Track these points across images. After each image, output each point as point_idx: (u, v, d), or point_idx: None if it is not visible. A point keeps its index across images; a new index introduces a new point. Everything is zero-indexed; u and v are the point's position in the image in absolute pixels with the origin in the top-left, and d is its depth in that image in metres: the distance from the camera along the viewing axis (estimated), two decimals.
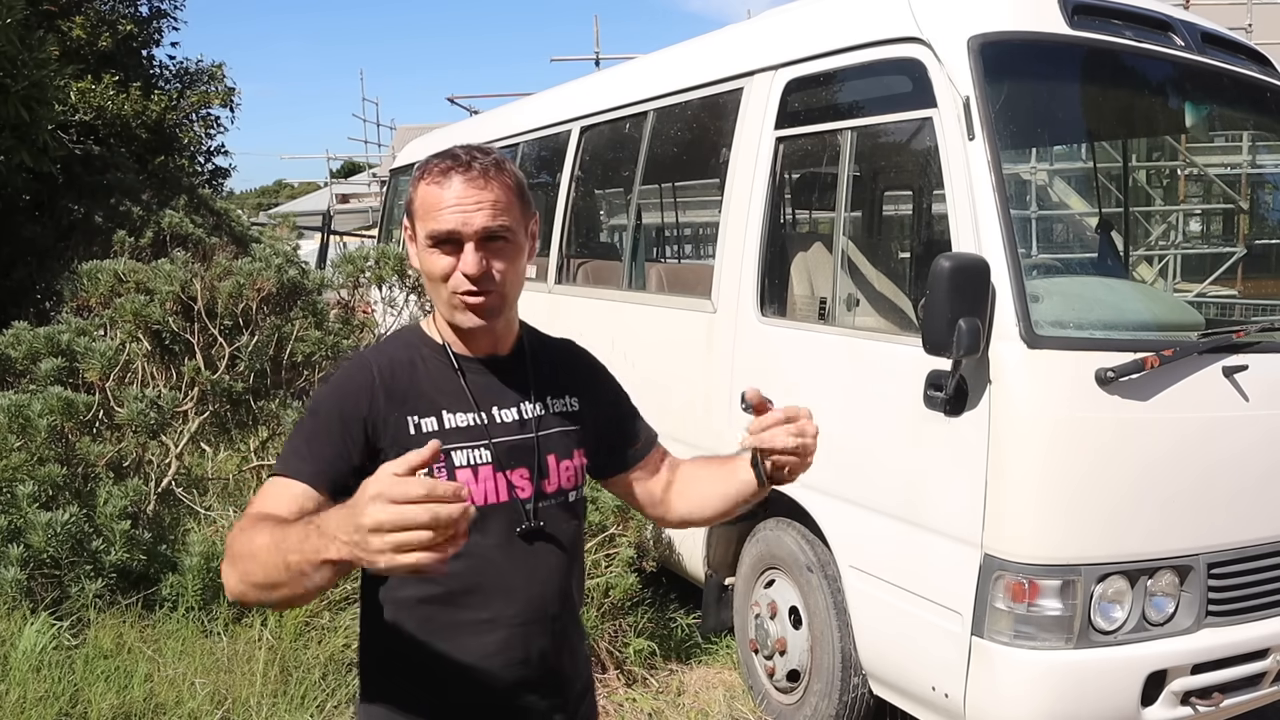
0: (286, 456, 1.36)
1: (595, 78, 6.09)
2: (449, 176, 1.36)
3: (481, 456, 1.41)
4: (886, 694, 3.15)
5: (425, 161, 1.41)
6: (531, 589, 1.44)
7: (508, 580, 1.42)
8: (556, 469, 1.49)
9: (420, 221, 1.39)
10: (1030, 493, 2.60)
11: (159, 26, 10.96)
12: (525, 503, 1.44)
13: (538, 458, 1.46)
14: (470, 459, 1.40)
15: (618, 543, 3.93)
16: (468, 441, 1.40)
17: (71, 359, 4.26)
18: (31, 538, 3.51)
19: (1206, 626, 2.75)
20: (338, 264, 5.37)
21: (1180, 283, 8.43)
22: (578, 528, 1.54)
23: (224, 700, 3.18)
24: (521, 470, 1.44)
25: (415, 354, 1.46)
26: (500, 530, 1.41)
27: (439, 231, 1.36)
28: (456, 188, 1.35)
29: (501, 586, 1.41)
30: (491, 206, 1.36)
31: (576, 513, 1.53)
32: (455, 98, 16.87)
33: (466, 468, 1.40)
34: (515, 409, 1.47)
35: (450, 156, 1.38)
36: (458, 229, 1.35)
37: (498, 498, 1.41)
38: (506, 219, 1.37)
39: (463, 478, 1.38)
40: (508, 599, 1.42)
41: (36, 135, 6.71)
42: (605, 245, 6.25)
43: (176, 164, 10.83)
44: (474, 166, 1.36)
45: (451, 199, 1.35)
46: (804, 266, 3.56)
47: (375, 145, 23.19)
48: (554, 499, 1.48)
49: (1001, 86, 2.79)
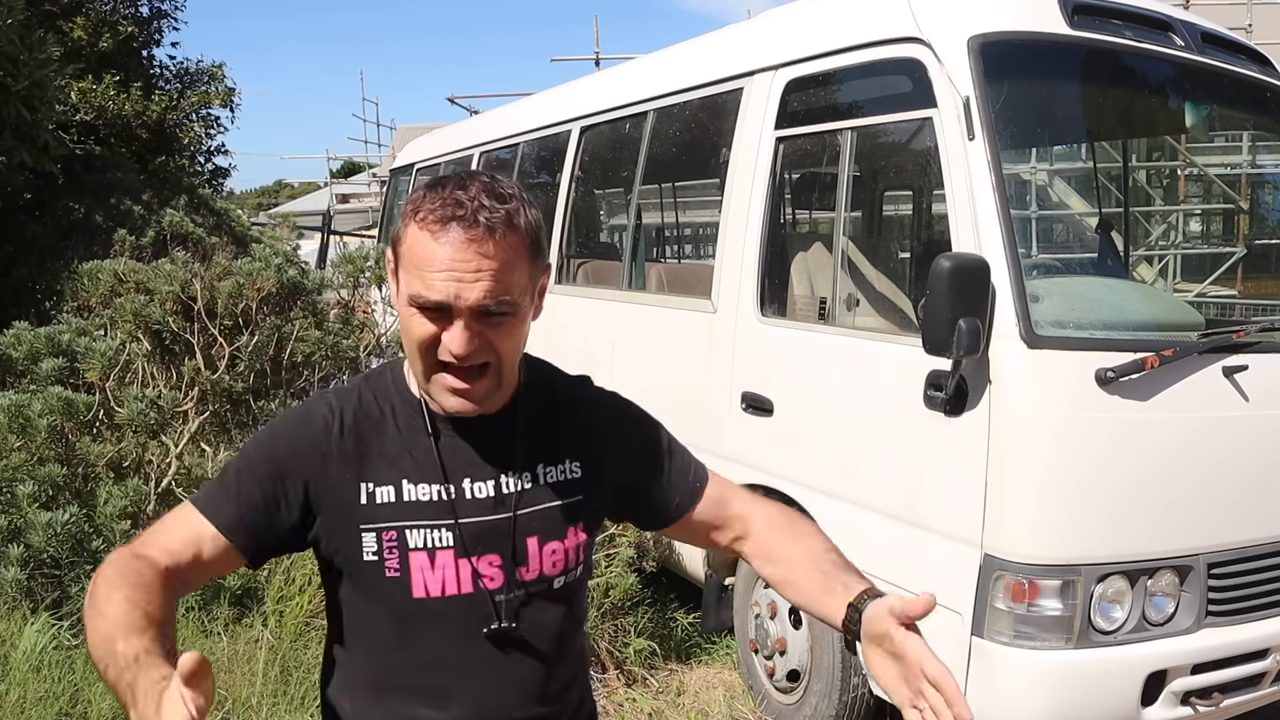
0: (212, 491, 1.21)
1: (595, 78, 6.09)
2: (446, 228, 1.09)
3: (442, 539, 1.20)
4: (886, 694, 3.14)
5: (423, 193, 1.14)
6: (498, 695, 1.24)
7: (469, 685, 1.23)
8: (539, 554, 1.25)
9: (405, 272, 1.13)
10: (1030, 493, 2.60)
11: (159, 27, 10.96)
12: (494, 594, 1.23)
13: (513, 542, 1.24)
14: (428, 541, 1.20)
15: (618, 543, 3.93)
16: (428, 519, 1.20)
17: (71, 359, 4.26)
18: (31, 538, 3.51)
19: (1206, 626, 2.74)
20: (338, 264, 5.37)
21: (1180, 283, 8.44)
22: (565, 616, 1.30)
23: (224, 700, 3.18)
24: (492, 556, 1.22)
25: (388, 405, 1.25)
26: (462, 628, 1.22)
27: (426, 300, 1.10)
28: (454, 246, 1.09)
29: (462, 691, 1.23)
30: (492, 278, 1.10)
31: (565, 600, 1.30)
32: (455, 98, 16.89)
33: (422, 550, 1.20)
34: (493, 482, 1.24)
35: (453, 201, 1.10)
36: (448, 301, 1.10)
37: (458, 589, 1.21)
38: (509, 293, 1.12)
39: (416, 562, 1.19)
40: (472, 704, 1.23)
41: (37, 135, 6.71)
42: (605, 245, 6.26)
43: (177, 164, 10.83)
44: (479, 221, 1.09)
45: (445, 260, 1.09)
46: (804, 266, 3.56)
47: (375, 145, 23.24)
48: (531, 587, 1.25)
49: (1001, 86, 2.79)
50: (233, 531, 1.18)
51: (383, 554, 1.19)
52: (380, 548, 1.20)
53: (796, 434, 3.33)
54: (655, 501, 1.39)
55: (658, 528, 1.43)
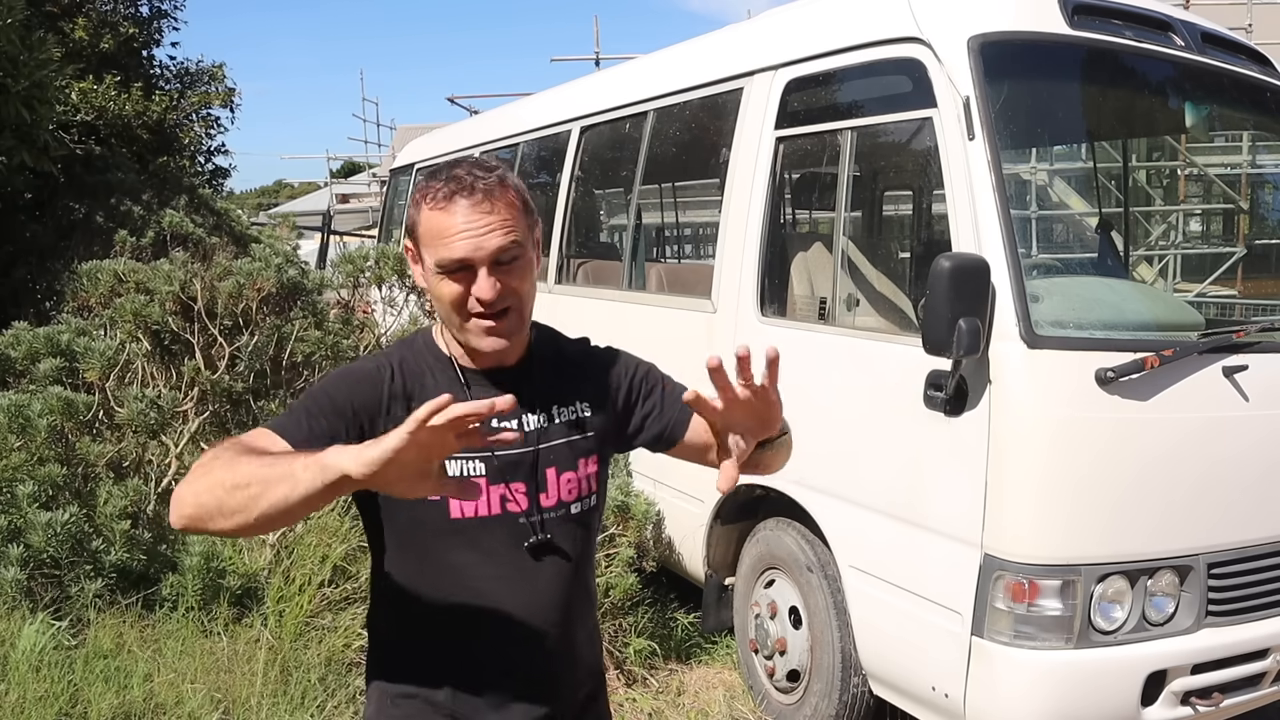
0: (283, 419, 1.36)
1: (595, 78, 6.09)
2: (453, 201, 1.32)
3: (476, 468, 1.39)
4: (886, 694, 3.14)
5: (425, 184, 1.37)
6: (531, 600, 1.43)
7: (502, 596, 1.41)
8: (556, 482, 1.45)
9: (427, 248, 1.36)
10: (1030, 493, 2.60)
11: (159, 27, 10.96)
12: (519, 516, 1.42)
13: (536, 472, 1.44)
14: (464, 470, 1.38)
15: (618, 543, 3.93)
16: (464, 452, 1.35)
17: (71, 359, 4.26)
18: (31, 538, 3.51)
19: (1206, 626, 2.74)
20: (338, 264, 5.37)
21: (1180, 283, 8.44)
22: (584, 538, 1.50)
23: (224, 700, 3.18)
24: (519, 484, 1.42)
25: (424, 363, 1.45)
26: (496, 545, 1.41)
27: (450, 260, 1.33)
28: (463, 212, 1.32)
29: (495, 603, 1.41)
30: (501, 227, 1.33)
31: (583, 523, 1.50)
32: (455, 97, 16.89)
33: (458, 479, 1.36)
34: (516, 421, 1.43)
35: (451, 179, 1.34)
36: (469, 256, 1.32)
37: (489, 510, 1.40)
38: (516, 235, 1.35)
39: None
40: (504, 616, 1.41)
41: (37, 135, 6.71)
42: (605, 245, 6.25)
43: (177, 164, 10.83)
44: (477, 188, 1.32)
45: (460, 224, 1.32)
46: (804, 266, 3.56)
47: (375, 145, 23.25)
48: (553, 512, 1.45)
49: (1001, 86, 2.79)
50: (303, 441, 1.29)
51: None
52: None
53: (796, 434, 3.32)
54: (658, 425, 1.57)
55: (665, 449, 1.59)
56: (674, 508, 4.07)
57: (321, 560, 3.77)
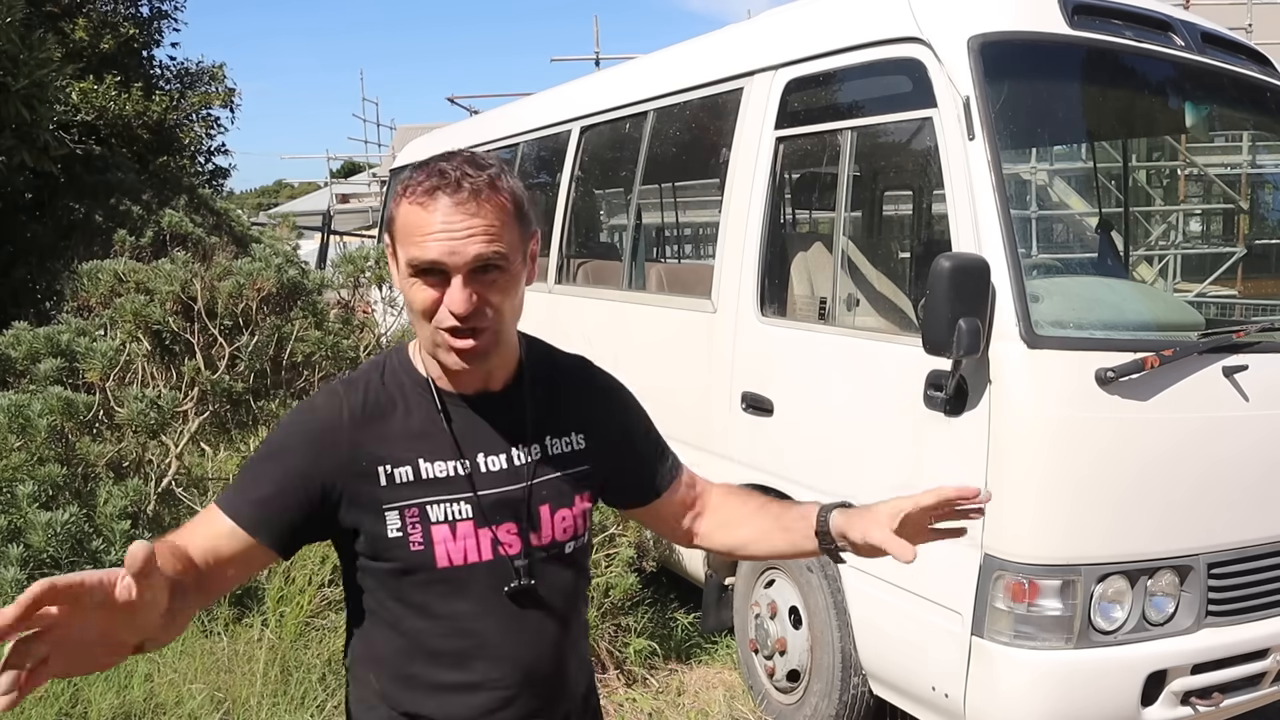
0: (235, 488, 1.26)
1: (595, 78, 6.09)
2: (434, 197, 1.18)
3: (461, 511, 1.27)
4: (886, 694, 3.15)
5: (410, 176, 1.23)
6: (521, 651, 1.32)
7: (494, 644, 1.31)
8: (550, 521, 1.34)
9: (401, 245, 1.21)
10: (1030, 493, 2.60)
11: (159, 27, 10.98)
12: (513, 559, 1.30)
13: (528, 510, 1.32)
14: (448, 514, 1.27)
15: (618, 543, 3.93)
16: (447, 494, 1.27)
17: (71, 359, 4.26)
18: (31, 538, 3.51)
19: (1206, 626, 2.74)
20: (338, 264, 5.37)
21: (1180, 283, 8.44)
22: (575, 580, 1.39)
23: (224, 701, 3.18)
24: (509, 525, 1.30)
25: (398, 387, 1.31)
26: (484, 591, 1.29)
27: (421, 260, 1.18)
28: (443, 211, 1.17)
29: (487, 650, 1.31)
30: (484, 233, 1.18)
31: (574, 563, 1.39)
32: (455, 97, 16.88)
33: (443, 523, 1.27)
34: (505, 455, 1.31)
35: (437, 173, 1.19)
36: (442, 260, 1.17)
37: (479, 556, 1.28)
38: (501, 245, 1.19)
39: (439, 535, 1.26)
40: (495, 663, 1.31)
41: (37, 135, 6.71)
42: (605, 245, 6.25)
43: (177, 164, 10.83)
44: (464, 186, 1.18)
45: (438, 224, 1.17)
46: (804, 266, 3.56)
47: (375, 145, 23.25)
48: (545, 552, 1.34)
49: (1001, 86, 2.79)
50: (255, 527, 1.23)
51: (406, 530, 1.26)
52: (404, 524, 1.26)
53: (796, 434, 3.33)
54: (640, 478, 1.49)
55: (639, 505, 1.52)
56: None
57: (322, 560, 3.78)
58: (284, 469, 1.25)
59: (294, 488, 1.24)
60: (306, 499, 1.24)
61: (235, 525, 1.22)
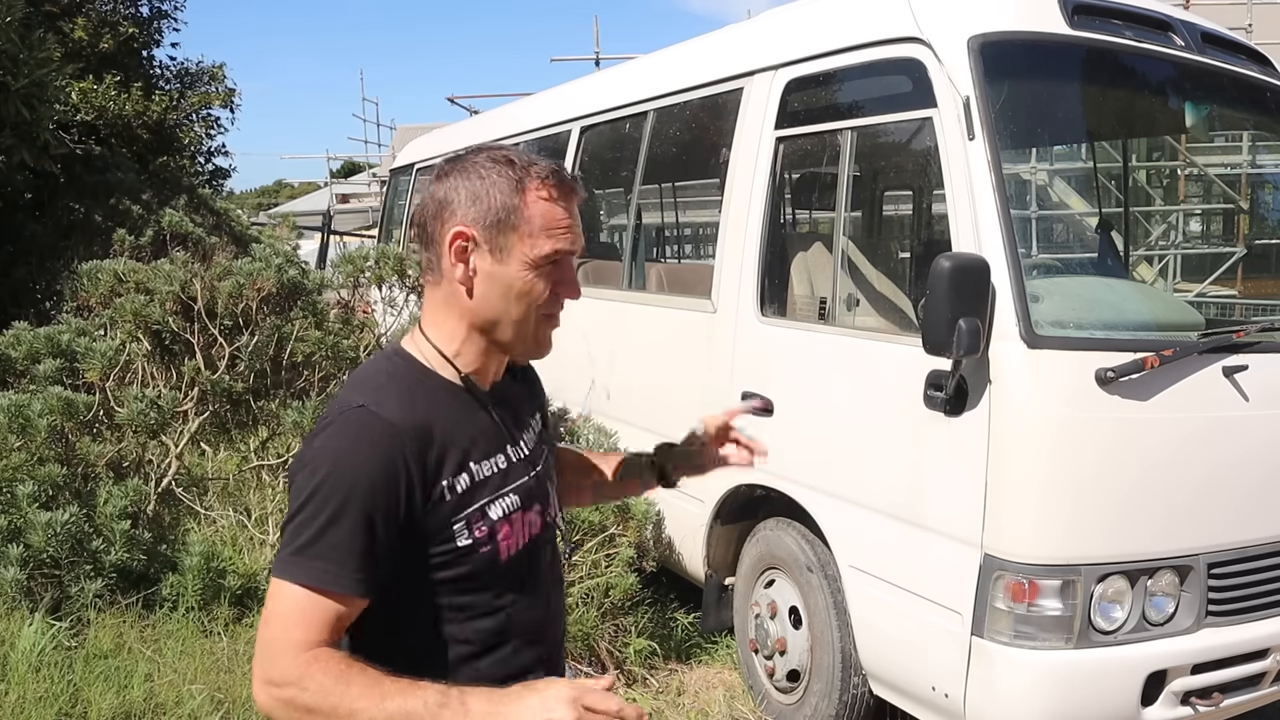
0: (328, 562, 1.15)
1: (595, 78, 6.09)
2: (566, 193, 1.29)
3: (513, 503, 1.31)
4: (886, 694, 3.14)
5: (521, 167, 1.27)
6: (545, 615, 1.39)
7: (537, 617, 1.37)
8: (553, 495, 1.43)
9: (528, 237, 1.26)
10: (1030, 493, 2.60)
11: (159, 27, 10.97)
12: (543, 536, 1.38)
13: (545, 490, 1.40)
14: (504, 509, 1.30)
15: (618, 543, 3.93)
16: (498, 490, 1.29)
17: (71, 359, 4.27)
18: (31, 538, 3.51)
19: (1206, 626, 2.74)
20: (338, 264, 5.36)
21: (1180, 283, 8.44)
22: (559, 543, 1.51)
23: (224, 701, 3.18)
24: (538, 506, 1.37)
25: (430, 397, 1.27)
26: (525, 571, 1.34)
27: (562, 250, 1.28)
28: (572, 205, 1.30)
29: (533, 624, 1.36)
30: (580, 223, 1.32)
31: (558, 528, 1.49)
32: (455, 98, 16.90)
33: (503, 519, 1.29)
34: (523, 441, 1.38)
35: (555, 170, 1.29)
36: (573, 250, 1.30)
37: (526, 540, 1.33)
38: None
39: (502, 531, 1.29)
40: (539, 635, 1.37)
41: (37, 135, 6.71)
42: (605, 245, 6.25)
43: (177, 164, 10.83)
44: (576, 184, 1.31)
45: (570, 217, 1.29)
46: (804, 266, 3.56)
47: (375, 145, 23.24)
48: (554, 524, 1.43)
49: (1001, 86, 2.79)
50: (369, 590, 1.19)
51: (474, 534, 1.26)
52: (470, 529, 1.27)
53: (796, 434, 3.33)
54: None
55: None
56: (674, 508, 4.07)
57: None
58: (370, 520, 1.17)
59: (382, 533, 1.18)
60: (387, 538, 1.19)
61: (354, 597, 1.17)
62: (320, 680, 1.10)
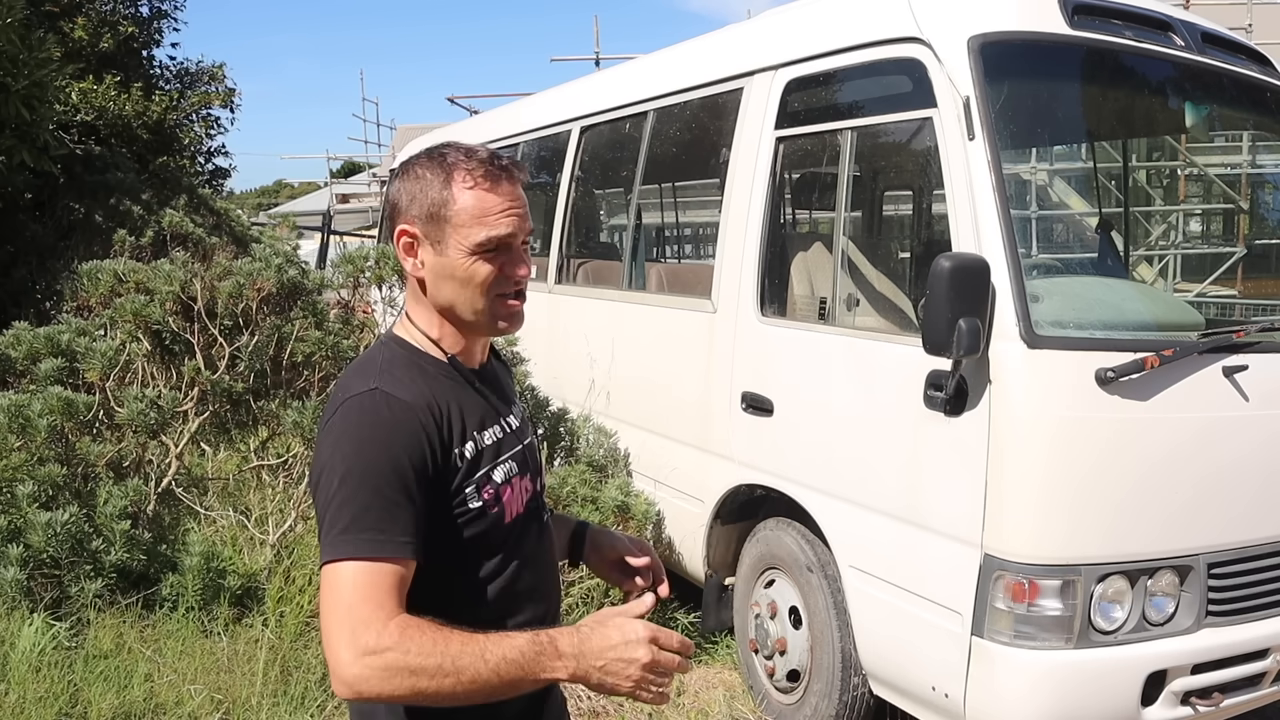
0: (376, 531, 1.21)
1: (595, 78, 6.09)
2: (497, 181, 1.33)
3: (512, 468, 1.40)
4: (886, 694, 3.14)
5: (443, 165, 1.34)
6: (545, 572, 1.48)
7: (540, 577, 1.46)
8: (542, 465, 1.55)
9: (461, 228, 1.32)
10: (1030, 493, 2.60)
11: (159, 27, 10.96)
12: (538, 498, 1.48)
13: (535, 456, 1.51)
14: (506, 473, 1.39)
15: None
16: (499, 456, 1.39)
17: (71, 359, 4.26)
18: (31, 538, 3.51)
19: (1206, 626, 2.74)
20: (338, 264, 5.36)
21: (1180, 283, 8.44)
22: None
23: (224, 701, 3.18)
24: (529, 473, 1.46)
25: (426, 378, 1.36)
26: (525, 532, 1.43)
27: (495, 238, 1.32)
28: (504, 193, 1.34)
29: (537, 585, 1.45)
30: (524, 206, 1.37)
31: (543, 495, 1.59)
32: (455, 98, 16.90)
33: (506, 482, 1.38)
34: (512, 415, 1.47)
35: (483, 160, 1.34)
36: (514, 233, 1.34)
37: (524, 504, 1.42)
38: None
39: (506, 494, 1.38)
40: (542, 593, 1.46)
41: (37, 135, 6.71)
42: (605, 245, 6.25)
43: (177, 164, 10.82)
44: (510, 169, 1.35)
45: (506, 202, 1.33)
46: (804, 266, 3.56)
47: (375, 145, 23.24)
48: (544, 489, 1.54)
49: (1001, 86, 2.79)
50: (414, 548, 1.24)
51: (483, 497, 1.35)
52: (480, 493, 1.35)
53: (796, 434, 3.33)
54: None
55: None
56: (674, 508, 4.07)
57: None
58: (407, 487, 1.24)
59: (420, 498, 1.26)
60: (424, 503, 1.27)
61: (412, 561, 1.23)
62: (419, 640, 1.15)
